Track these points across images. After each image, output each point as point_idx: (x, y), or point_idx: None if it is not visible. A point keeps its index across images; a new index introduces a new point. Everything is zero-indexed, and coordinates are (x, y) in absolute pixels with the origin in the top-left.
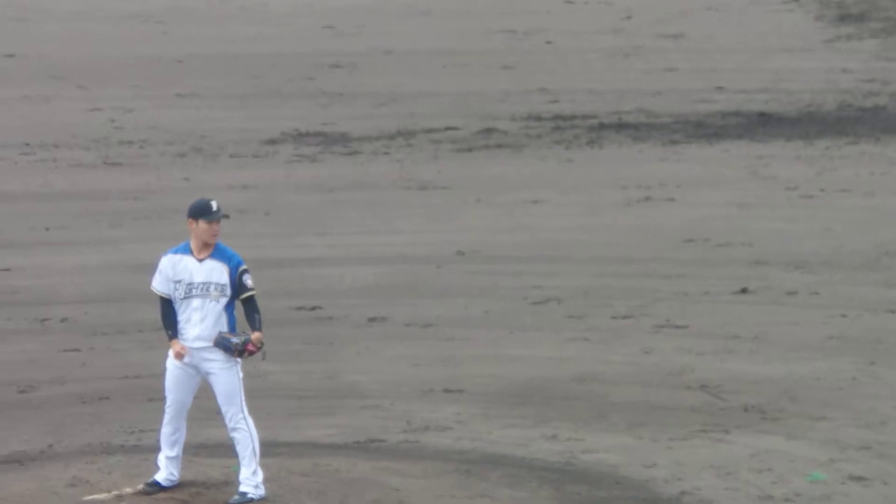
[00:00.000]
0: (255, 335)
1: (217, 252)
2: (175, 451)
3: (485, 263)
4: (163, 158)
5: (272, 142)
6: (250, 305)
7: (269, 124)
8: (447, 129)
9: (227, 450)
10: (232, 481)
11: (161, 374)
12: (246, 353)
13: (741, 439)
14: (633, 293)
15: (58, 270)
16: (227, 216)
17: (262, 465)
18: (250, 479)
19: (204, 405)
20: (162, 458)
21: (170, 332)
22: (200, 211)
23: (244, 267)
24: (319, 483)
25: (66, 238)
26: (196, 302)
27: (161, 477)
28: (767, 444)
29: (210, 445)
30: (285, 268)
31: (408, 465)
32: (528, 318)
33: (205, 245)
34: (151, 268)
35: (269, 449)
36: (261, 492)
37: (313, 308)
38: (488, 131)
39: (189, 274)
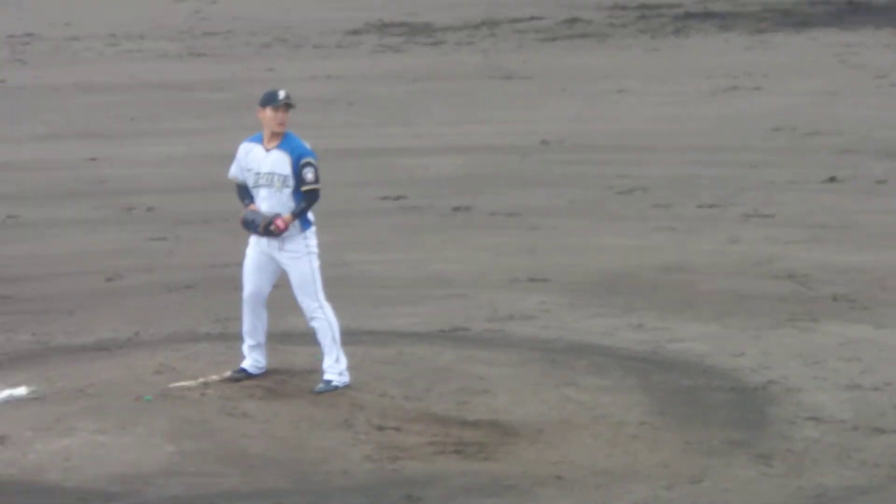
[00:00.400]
0: (286, 216)
1: (284, 142)
2: (256, 339)
3: (570, 153)
4: (247, 49)
5: (356, 32)
6: (307, 197)
7: (352, 14)
8: (532, 18)
9: (312, 338)
10: (317, 369)
11: None
12: (273, 227)
13: (829, 328)
14: (719, 182)
15: (144, 160)
16: (292, 105)
17: (347, 354)
18: (333, 366)
19: (287, 293)
20: (245, 347)
21: (246, 202)
22: (267, 99)
23: (308, 159)
24: (404, 371)
25: (151, 128)
26: (263, 192)
27: (247, 364)
28: (856, 334)
29: (295, 334)
30: (370, 158)
31: (493, 353)
32: (614, 207)
33: (273, 135)
34: (233, 158)
35: (353, 337)
36: (345, 379)
37: (398, 198)
38: (573, 20)
39: (257, 163)
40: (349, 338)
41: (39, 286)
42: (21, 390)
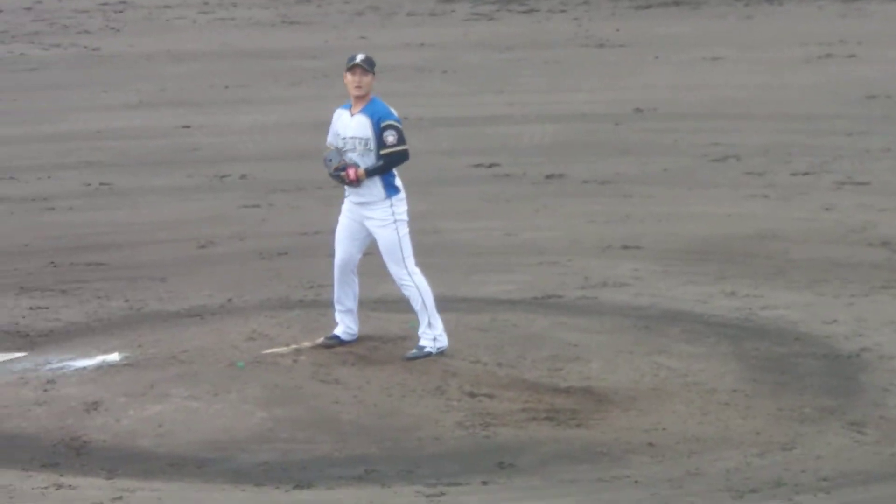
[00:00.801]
0: (360, 170)
1: (368, 107)
2: (349, 305)
3: (663, 121)
4: (340, 17)
5: (449, 0)
6: (385, 158)
7: None
8: None
9: (405, 305)
10: (410, 336)
11: None
12: (343, 174)
13: None
14: (813, 150)
15: (237, 128)
16: (366, 68)
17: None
18: (427, 332)
19: (380, 261)
20: (337, 314)
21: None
22: (347, 62)
23: (389, 122)
24: (497, 338)
25: (245, 96)
26: (350, 156)
27: (340, 331)
28: None
29: (388, 301)
30: (463, 126)
31: (585, 320)
32: (708, 174)
33: (358, 99)
34: (329, 126)
35: (446, 304)
36: (440, 344)
37: (491, 165)
38: None
39: (344, 128)
40: (442, 305)
41: (132, 253)
42: (114, 356)
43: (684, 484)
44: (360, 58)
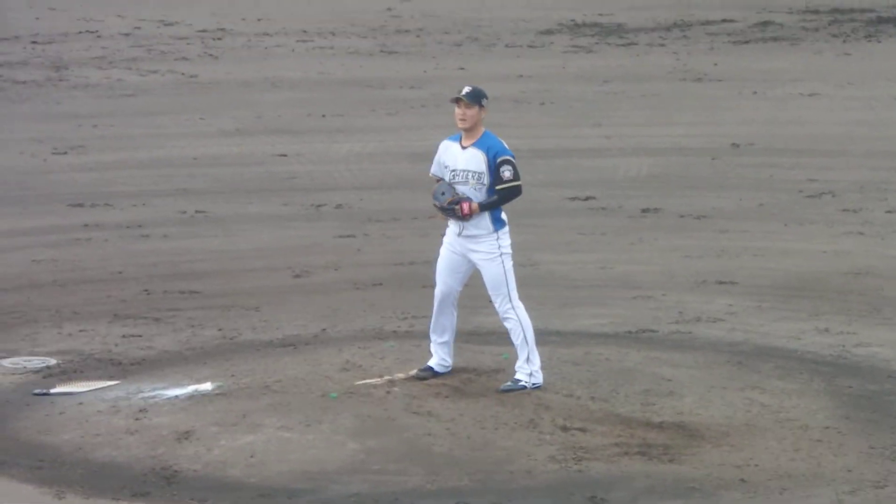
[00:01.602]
0: (473, 204)
1: (481, 140)
2: (445, 338)
3: (760, 156)
4: (439, 47)
5: (548, 32)
6: (501, 194)
7: (545, 14)
8: (724, 20)
9: (499, 337)
10: (503, 369)
11: (435, 261)
12: (457, 207)
13: None
14: None
15: (334, 157)
16: (470, 100)
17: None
18: (524, 366)
19: (475, 293)
20: (433, 345)
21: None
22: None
23: (505, 157)
24: (591, 372)
25: (342, 125)
26: (460, 189)
27: (434, 362)
28: None
29: (482, 333)
30: (560, 158)
31: (679, 355)
32: (803, 211)
33: (468, 132)
34: (427, 156)
35: (541, 337)
36: (535, 380)
37: (587, 198)
38: (765, 24)
39: (454, 160)
40: (537, 337)
41: (227, 282)
42: (207, 385)
43: None
44: (465, 90)
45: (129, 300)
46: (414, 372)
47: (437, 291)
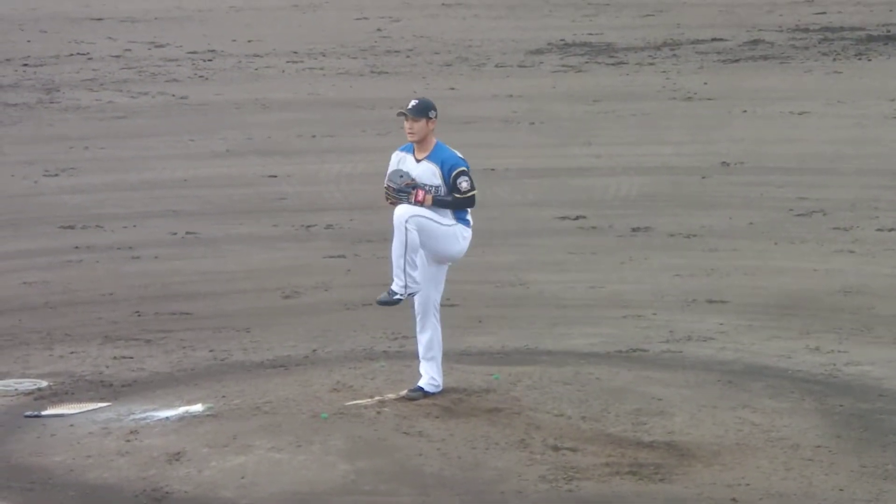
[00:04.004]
0: (429, 195)
1: (434, 153)
2: (431, 354)
3: (750, 174)
4: (429, 67)
5: (538, 52)
6: (458, 201)
7: (534, 34)
8: (713, 39)
9: (490, 357)
10: (494, 389)
11: None
12: (413, 192)
13: None
14: None
15: (324, 178)
16: (409, 115)
17: (525, 373)
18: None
19: (465, 313)
20: (423, 364)
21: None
22: None
23: (461, 168)
24: (581, 391)
25: (332, 146)
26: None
27: (424, 382)
28: None
29: (472, 353)
30: (550, 177)
31: (670, 374)
32: (794, 229)
33: (419, 145)
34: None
35: (531, 357)
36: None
37: (577, 217)
38: (755, 42)
39: (409, 172)
40: (526, 357)
41: (217, 303)
42: (198, 407)
43: None
44: (410, 104)
45: (121, 322)
46: (404, 393)
47: (416, 303)
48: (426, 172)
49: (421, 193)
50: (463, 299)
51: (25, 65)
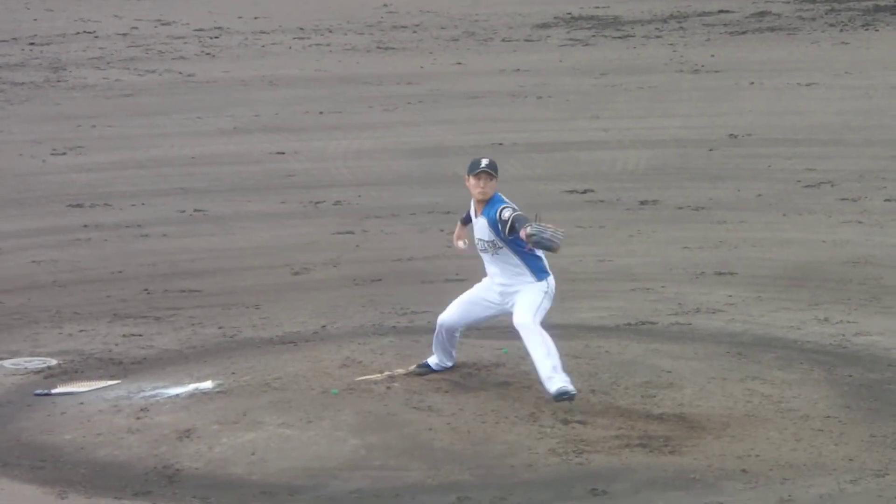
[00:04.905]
0: (523, 232)
1: (486, 208)
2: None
3: (757, 146)
4: (436, 43)
5: (545, 25)
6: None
7: (541, 8)
8: (720, 11)
9: (499, 332)
10: (503, 363)
11: (434, 257)
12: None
13: None
14: None
15: (331, 154)
16: (488, 172)
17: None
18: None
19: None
20: (435, 346)
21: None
22: (470, 167)
23: (500, 207)
24: (591, 364)
25: (339, 122)
26: (486, 256)
27: (433, 361)
28: None
29: (481, 327)
30: (557, 151)
31: (679, 347)
32: (802, 200)
33: (479, 202)
34: (424, 151)
35: None
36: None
37: (585, 191)
38: (761, 14)
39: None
40: None
41: (226, 280)
42: (207, 384)
43: None
44: (485, 162)
45: (130, 300)
46: (413, 368)
47: (442, 320)
48: (482, 228)
49: (523, 233)
50: (471, 273)
51: (32, 44)
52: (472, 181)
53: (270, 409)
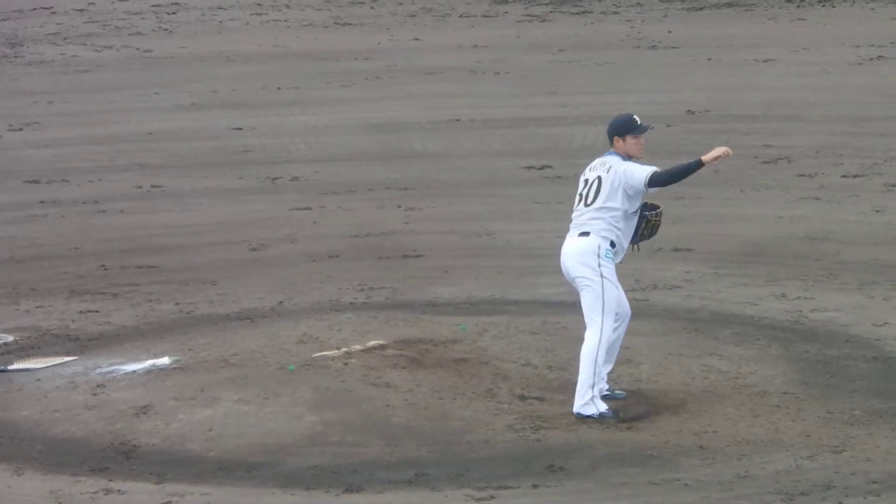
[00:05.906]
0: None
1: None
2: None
3: (715, 122)
4: (393, 18)
5: (502, 1)
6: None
7: None
8: None
9: (456, 308)
10: (461, 339)
11: (392, 233)
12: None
13: None
14: (864, 152)
15: (289, 130)
16: (651, 127)
17: (491, 323)
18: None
19: (434, 264)
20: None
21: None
22: (628, 126)
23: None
24: (548, 341)
25: (297, 98)
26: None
27: (601, 406)
28: None
29: (438, 303)
30: (515, 127)
31: (637, 323)
32: (759, 176)
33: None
34: (382, 127)
35: (497, 307)
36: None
37: (543, 167)
38: None
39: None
40: (494, 307)
41: (184, 256)
42: (164, 360)
43: (734, 487)
44: (640, 119)
45: (86, 276)
46: (372, 343)
47: (616, 318)
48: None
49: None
50: (429, 249)
51: None
52: (630, 141)
53: (227, 385)
